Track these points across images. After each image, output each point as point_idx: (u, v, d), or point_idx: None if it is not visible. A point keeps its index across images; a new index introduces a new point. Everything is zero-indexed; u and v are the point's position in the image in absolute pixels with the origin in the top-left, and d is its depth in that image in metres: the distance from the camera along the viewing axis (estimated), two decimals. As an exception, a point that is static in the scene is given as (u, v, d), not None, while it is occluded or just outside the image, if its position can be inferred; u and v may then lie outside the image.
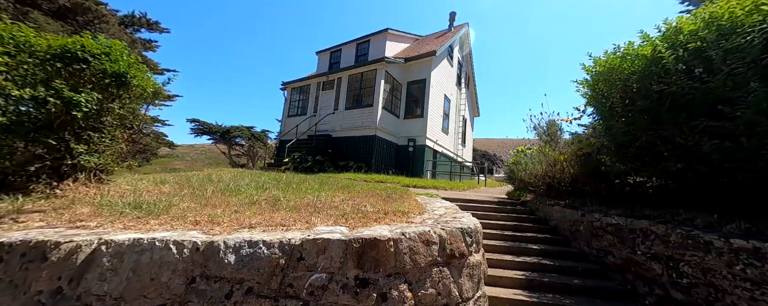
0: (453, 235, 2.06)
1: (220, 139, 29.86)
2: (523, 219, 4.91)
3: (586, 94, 4.45)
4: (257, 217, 2.42)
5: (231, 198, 3.46)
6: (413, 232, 1.85)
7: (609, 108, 3.82)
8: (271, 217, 2.42)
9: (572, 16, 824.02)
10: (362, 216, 2.58)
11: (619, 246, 3.30)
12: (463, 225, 2.25)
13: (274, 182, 4.91)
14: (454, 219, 2.61)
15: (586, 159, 4.26)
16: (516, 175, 5.93)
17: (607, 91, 3.86)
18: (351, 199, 3.79)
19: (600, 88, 4.05)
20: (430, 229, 1.96)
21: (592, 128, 4.73)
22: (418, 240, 1.84)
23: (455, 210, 3.31)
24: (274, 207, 2.95)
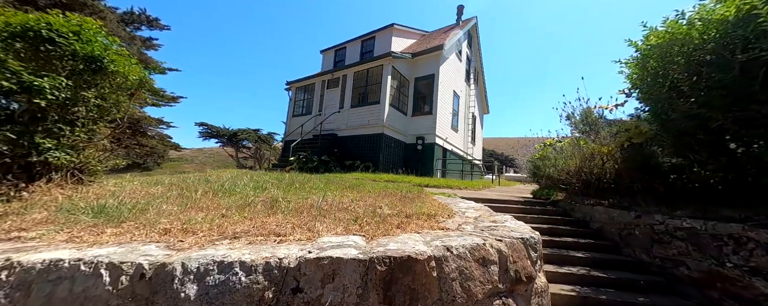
0: (514, 248, 1.45)
1: (227, 142, 29.78)
2: (558, 221, 4.24)
3: (631, 76, 3.79)
4: (246, 223, 1.85)
5: (223, 199, 2.91)
6: (461, 246, 1.24)
7: (668, 88, 3.15)
8: (264, 223, 1.85)
9: (573, 16, 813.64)
10: (380, 220, 1.99)
11: (695, 255, 2.62)
12: (521, 234, 1.63)
13: (276, 182, 4.36)
14: (496, 223, 2.01)
15: (636, 151, 3.58)
16: (542, 172, 5.25)
17: (664, 68, 3.19)
18: (362, 199, 3.20)
19: (652, 67, 3.39)
20: (485, 242, 1.35)
21: (637, 117, 4.05)
22: (471, 258, 1.23)
23: (489, 212, 2.69)
24: (270, 210, 2.38)
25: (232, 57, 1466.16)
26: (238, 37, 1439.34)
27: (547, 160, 5.02)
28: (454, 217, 2.29)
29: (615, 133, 3.72)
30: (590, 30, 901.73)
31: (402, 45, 12.90)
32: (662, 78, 3.24)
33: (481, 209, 2.86)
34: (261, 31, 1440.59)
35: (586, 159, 4.32)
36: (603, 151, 3.84)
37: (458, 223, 1.99)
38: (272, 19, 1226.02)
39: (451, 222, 2.07)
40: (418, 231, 1.66)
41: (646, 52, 3.44)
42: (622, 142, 3.57)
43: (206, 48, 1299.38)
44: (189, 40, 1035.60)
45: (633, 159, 3.64)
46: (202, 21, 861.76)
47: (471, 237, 1.43)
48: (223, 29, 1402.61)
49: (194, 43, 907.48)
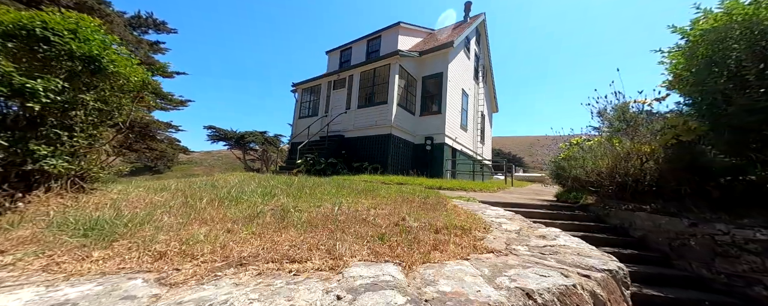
0: (609, 288, 1.10)
1: (235, 145, 29.96)
2: (591, 228, 3.85)
3: (675, 67, 3.39)
4: (254, 243, 1.56)
5: (229, 209, 2.65)
6: (545, 290, 0.89)
7: (725, 78, 2.75)
8: (275, 243, 1.56)
9: (574, 16, 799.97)
10: (411, 238, 1.68)
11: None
12: (602, 262, 1.29)
13: (284, 187, 4.10)
14: (546, 240, 1.67)
15: (684, 149, 3.18)
16: (567, 173, 4.84)
17: (721, 55, 2.80)
18: (379, 206, 2.90)
19: (703, 54, 2.99)
20: (572, 281, 1.00)
21: (678, 112, 3.64)
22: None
23: (527, 222, 2.35)
24: (281, 223, 2.09)
25: (239, 60, 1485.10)
26: (244, 40, 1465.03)
27: (574, 161, 4.62)
28: (492, 231, 1.96)
29: (658, 129, 3.32)
30: (592, 29, 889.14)
31: (408, 44, 12.58)
32: (717, 66, 2.84)
33: (516, 218, 2.51)
34: (266, 32, 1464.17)
35: (620, 159, 3.91)
36: (644, 150, 3.45)
37: (504, 242, 1.67)
38: (276, 20, 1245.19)
39: (492, 238, 1.74)
40: (464, 255, 1.34)
41: (696, 38, 3.04)
42: (668, 140, 3.17)
43: (213, 51, 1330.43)
44: (196, 44, 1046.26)
45: (680, 159, 3.23)
46: (208, 24, 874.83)
47: (541, 269, 1.10)
48: (229, 32, 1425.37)
49: (201, 47, 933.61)
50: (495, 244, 1.59)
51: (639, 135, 3.56)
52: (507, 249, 1.49)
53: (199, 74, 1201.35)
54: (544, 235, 1.81)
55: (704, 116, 3.18)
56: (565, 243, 1.61)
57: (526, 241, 1.70)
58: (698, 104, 3.27)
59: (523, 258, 1.28)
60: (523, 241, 1.66)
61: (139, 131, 10.63)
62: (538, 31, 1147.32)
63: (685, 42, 3.14)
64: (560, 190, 5.37)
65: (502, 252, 1.43)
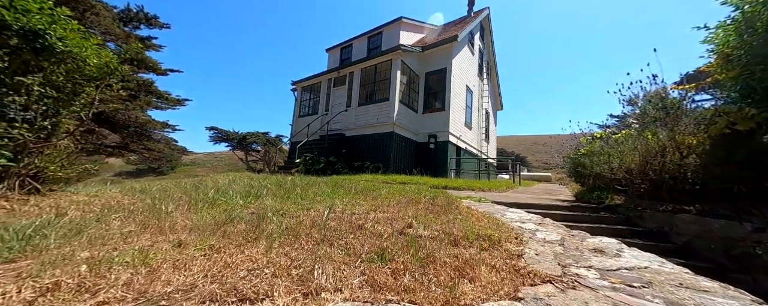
0: None
1: (237, 146, 29.69)
2: (622, 232, 3.33)
3: (725, 44, 2.87)
4: (199, 265, 1.07)
5: (200, 214, 2.18)
6: None
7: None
8: (229, 266, 1.07)
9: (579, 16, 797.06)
10: (422, 256, 1.19)
11: None
12: None
13: (275, 187, 3.63)
14: (605, 255, 1.18)
15: (740, 141, 2.66)
16: (589, 170, 4.33)
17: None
18: (380, 209, 2.41)
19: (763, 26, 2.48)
20: None
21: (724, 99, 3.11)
22: None
23: (564, 229, 1.85)
24: (254, 231, 1.62)
25: (241, 61, 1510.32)
26: (245, 40, 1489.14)
27: (597, 156, 4.10)
28: (527, 243, 1.47)
29: (708, 117, 2.80)
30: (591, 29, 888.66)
31: (411, 40, 12.10)
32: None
33: (547, 223, 2.02)
34: (268, 33, 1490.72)
35: (655, 153, 3.39)
36: (688, 142, 2.93)
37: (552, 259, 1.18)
38: (279, 20, 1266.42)
39: (533, 254, 1.25)
40: (510, 288, 0.85)
41: (754, 7, 2.53)
42: (721, 129, 2.66)
43: (215, 52, 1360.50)
44: (200, 45, 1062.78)
45: (734, 152, 2.71)
46: (208, 24, 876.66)
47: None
48: (231, 33, 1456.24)
49: (203, 47, 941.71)
50: (544, 264, 1.11)
51: (681, 125, 3.05)
52: (565, 274, 1.01)
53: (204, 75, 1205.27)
54: (600, 249, 1.32)
55: (761, 102, 2.66)
56: (639, 262, 1.12)
57: (581, 258, 1.21)
58: (749, 89, 2.75)
59: (603, 294, 0.80)
60: (579, 259, 1.18)
61: (135, 131, 10.25)
62: (541, 27, 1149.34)
63: (738, 14, 2.63)
64: (579, 188, 4.84)
65: (562, 280, 0.94)
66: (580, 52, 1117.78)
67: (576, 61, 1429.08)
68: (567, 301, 0.78)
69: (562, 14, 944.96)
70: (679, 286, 0.96)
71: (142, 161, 18.44)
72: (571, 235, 1.70)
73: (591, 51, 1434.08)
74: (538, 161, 31.35)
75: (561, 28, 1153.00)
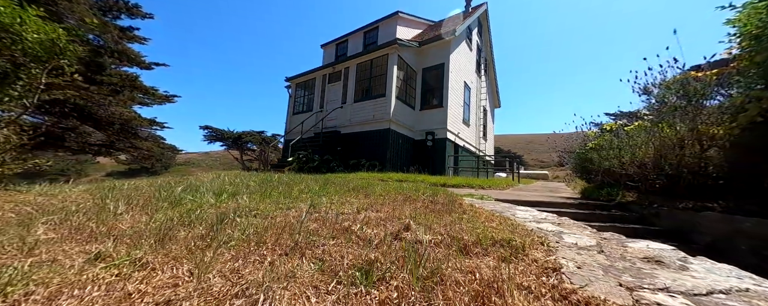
0: None
1: (232, 145, 29.11)
2: (637, 232, 3.03)
3: (752, 23, 2.58)
4: (92, 293, 0.73)
5: (156, 215, 1.82)
6: None
7: None
8: (128, 300, 0.73)
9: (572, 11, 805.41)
10: (425, 274, 0.85)
11: None
12: None
13: (257, 185, 3.26)
14: (662, 267, 0.86)
15: None
16: (597, 166, 4.03)
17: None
18: (373, 207, 2.07)
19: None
20: None
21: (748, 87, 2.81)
22: None
23: (590, 230, 1.53)
24: (203, 239, 1.26)
25: (239, 60, 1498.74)
26: (241, 37, 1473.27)
27: (606, 151, 3.80)
28: (556, 249, 1.14)
29: (737, 104, 2.50)
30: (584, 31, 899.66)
31: (408, 35, 11.76)
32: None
33: (569, 224, 1.69)
34: (262, 29, 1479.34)
35: (672, 146, 3.10)
36: (713, 132, 2.63)
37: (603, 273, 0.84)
38: (273, 16, 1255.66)
39: (574, 267, 0.92)
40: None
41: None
42: (752, 117, 2.36)
43: (209, 48, 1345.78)
44: (192, 41, 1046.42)
45: (765, 142, 2.42)
46: (201, 19, 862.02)
47: None
48: (225, 29, 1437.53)
49: (197, 44, 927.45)
50: (599, 286, 0.77)
51: (703, 115, 2.75)
52: (637, 303, 0.68)
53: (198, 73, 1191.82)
54: (655, 259, 1.00)
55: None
56: (726, 280, 0.81)
57: (641, 273, 0.88)
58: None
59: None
60: (639, 276, 0.85)
61: (120, 128, 9.69)
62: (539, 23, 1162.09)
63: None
64: (585, 185, 4.55)
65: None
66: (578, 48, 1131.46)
67: (575, 58, 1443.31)
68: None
69: (559, 7, 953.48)
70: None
71: (133, 161, 17.79)
72: (604, 239, 1.38)
73: (589, 48, 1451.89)
74: (533, 160, 31.32)
75: (559, 23, 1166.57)
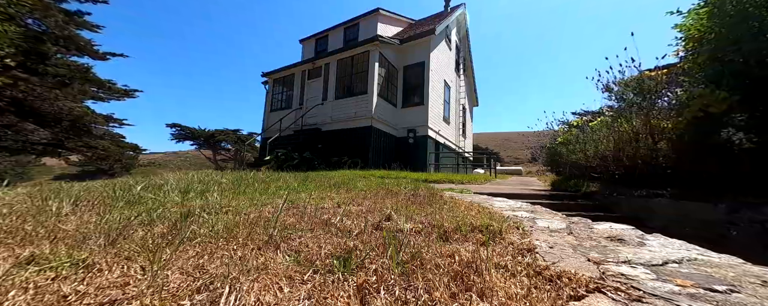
0: None
1: (204, 144, 27.36)
2: (600, 218, 3.28)
3: (695, 28, 2.88)
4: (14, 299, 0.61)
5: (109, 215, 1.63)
6: None
7: None
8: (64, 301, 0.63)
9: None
10: (405, 258, 0.83)
11: None
12: None
13: (231, 183, 3.07)
14: (624, 245, 0.93)
15: (712, 124, 2.67)
16: (565, 159, 4.31)
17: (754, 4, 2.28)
18: (353, 202, 2.02)
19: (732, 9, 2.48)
20: None
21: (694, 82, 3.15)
22: None
23: (567, 219, 1.62)
24: (167, 237, 1.14)
25: (212, 55, 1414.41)
26: (215, 27, 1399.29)
27: (573, 145, 4.07)
28: (530, 232, 1.18)
29: (682, 101, 2.79)
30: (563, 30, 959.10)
31: (388, 32, 11.74)
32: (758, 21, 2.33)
33: (542, 211, 1.78)
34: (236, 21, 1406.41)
35: (629, 139, 3.39)
36: (663, 126, 2.91)
37: (573, 252, 0.88)
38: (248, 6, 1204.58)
39: (547, 248, 0.96)
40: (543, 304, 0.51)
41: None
42: (695, 112, 2.65)
43: (186, 49, 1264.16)
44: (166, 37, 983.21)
45: (706, 135, 2.72)
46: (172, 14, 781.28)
47: None
48: (195, 18, 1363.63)
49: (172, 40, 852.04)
50: (570, 262, 0.81)
51: (656, 110, 3.03)
52: (607, 275, 0.71)
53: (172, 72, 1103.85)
54: (618, 237, 1.08)
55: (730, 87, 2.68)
56: (678, 252, 0.88)
57: (607, 250, 0.94)
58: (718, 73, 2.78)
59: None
60: (605, 252, 0.91)
61: (69, 125, 8.56)
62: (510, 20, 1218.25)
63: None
64: (555, 178, 4.85)
65: (613, 287, 0.64)
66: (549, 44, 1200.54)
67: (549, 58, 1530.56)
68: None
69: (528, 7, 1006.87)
70: (766, 285, 0.71)
71: (87, 162, 16.03)
72: (573, 223, 1.46)
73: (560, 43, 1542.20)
74: (509, 157, 32.92)
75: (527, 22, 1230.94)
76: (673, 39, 3.30)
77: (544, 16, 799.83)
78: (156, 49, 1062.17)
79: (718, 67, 2.75)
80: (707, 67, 2.92)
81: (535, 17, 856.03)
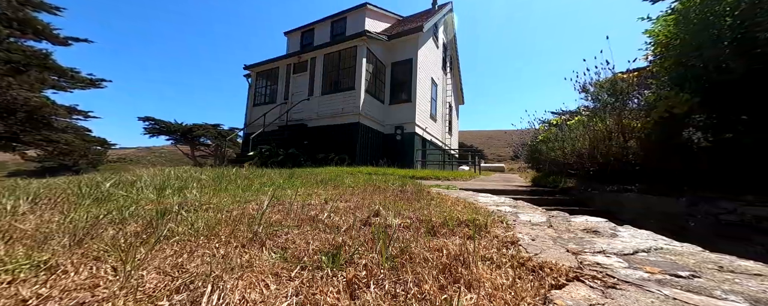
0: None
1: (181, 139, 25.93)
2: (576, 212, 3.48)
3: (663, 34, 3.09)
4: None
5: (75, 213, 1.51)
6: None
7: (729, 40, 2.44)
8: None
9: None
10: (393, 252, 0.84)
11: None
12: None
13: (212, 179, 2.94)
14: (599, 236, 1.00)
15: (675, 124, 2.90)
16: (545, 156, 4.51)
17: (716, 14, 2.49)
18: (341, 198, 2.00)
19: (698, 17, 2.69)
20: None
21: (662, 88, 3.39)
22: None
23: (541, 209, 1.70)
24: (142, 235, 1.07)
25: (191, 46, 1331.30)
26: (194, 14, 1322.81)
27: (552, 142, 4.26)
28: (513, 226, 1.22)
29: (651, 102, 3.00)
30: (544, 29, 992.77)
31: (376, 28, 11.63)
32: (715, 28, 2.53)
33: (524, 206, 1.85)
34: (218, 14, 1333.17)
35: (603, 138, 3.59)
36: (633, 125, 3.12)
37: (554, 244, 0.93)
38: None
39: (529, 240, 1.00)
40: (538, 304, 0.54)
41: (687, 2, 2.72)
42: (661, 113, 2.85)
43: (165, 43, 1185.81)
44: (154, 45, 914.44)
45: (670, 134, 2.94)
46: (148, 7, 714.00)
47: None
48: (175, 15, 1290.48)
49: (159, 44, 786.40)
50: (551, 253, 0.85)
51: (627, 110, 3.24)
52: (584, 264, 0.76)
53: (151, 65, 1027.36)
54: (593, 229, 1.15)
55: (691, 90, 2.91)
56: (646, 242, 0.96)
57: (584, 241, 1.00)
58: (682, 77, 3.01)
59: (661, 293, 0.54)
60: (582, 243, 0.96)
61: (26, 117, 7.73)
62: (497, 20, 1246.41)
63: (677, 4, 2.82)
64: (535, 174, 5.06)
65: (591, 275, 0.68)
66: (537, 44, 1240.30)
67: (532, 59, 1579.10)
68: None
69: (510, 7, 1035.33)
70: (722, 270, 0.78)
71: (48, 157, 14.71)
72: (552, 217, 1.54)
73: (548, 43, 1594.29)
74: (492, 154, 34.00)
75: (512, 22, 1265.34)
76: (643, 44, 3.52)
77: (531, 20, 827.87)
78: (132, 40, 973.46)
79: (682, 71, 2.97)
80: (673, 71, 3.15)
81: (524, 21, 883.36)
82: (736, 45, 2.40)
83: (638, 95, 3.25)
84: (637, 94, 3.25)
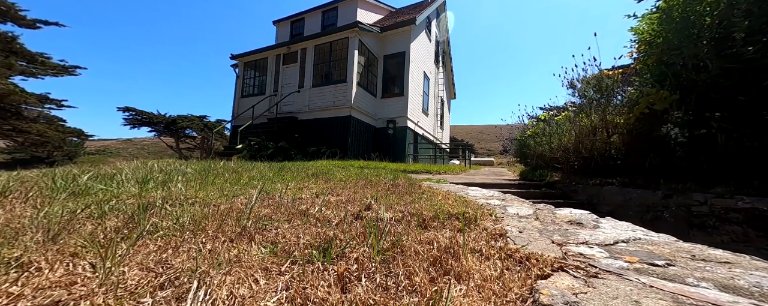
0: None
1: (165, 131, 24.91)
2: (560, 205, 3.62)
3: (647, 32, 3.17)
4: None
5: (49, 208, 1.43)
6: None
7: (708, 39, 2.54)
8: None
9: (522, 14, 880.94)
10: (385, 245, 0.84)
11: (760, 241, 2.08)
12: None
13: (198, 172, 2.84)
14: (582, 228, 1.04)
15: (655, 120, 3.02)
16: (533, 151, 4.62)
17: (697, 12, 2.57)
18: (332, 192, 1.99)
19: (679, 15, 2.77)
20: None
21: (643, 83, 3.50)
22: None
23: (528, 202, 1.74)
24: (123, 230, 1.03)
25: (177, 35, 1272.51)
26: (184, 12, 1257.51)
27: (540, 137, 4.36)
28: (502, 219, 1.25)
29: (634, 99, 3.10)
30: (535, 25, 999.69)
31: (368, 19, 11.38)
32: (695, 28, 2.62)
33: (512, 199, 1.90)
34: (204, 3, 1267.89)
35: (587, 133, 3.71)
36: (617, 121, 3.22)
37: (540, 236, 0.96)
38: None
39: (516, 232, 1.03)
40: (525, 294, 0.55)
41: (671, 1, 2.79)
42: (642, 109, 2.96)
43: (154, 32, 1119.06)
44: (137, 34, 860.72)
45: (650, 129, 3.07)
46: None
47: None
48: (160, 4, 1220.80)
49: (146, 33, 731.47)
50: (537, 244, 0.88)
51: (611, 106, 3.34)
52: (568, 255, 0.79)
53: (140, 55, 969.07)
54: (577, 221, 1.20)
55: (671, 87, 3.03)
56: (626, 233, 1.00)
57: (568, 233, 1.04)
58: (663, 75, 3.12)
59: (639, 281, 0.57)
60: (567, 235, 1.00)
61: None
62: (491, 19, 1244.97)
63: (661, 2, 2.89)
64: (523, 168, 5.20)
65: (574, 266, 0.70)
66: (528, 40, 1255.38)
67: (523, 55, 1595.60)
68: (607, 301, 0.53)
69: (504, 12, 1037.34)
70: (694, 259, 0.83)
71: (19, 148, 13.81)
72: (539, 209, 1.59)
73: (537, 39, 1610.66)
74: (482, 148, 34.60)
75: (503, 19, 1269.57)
76: (628, 41, 3.61)
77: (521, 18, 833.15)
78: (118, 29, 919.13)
79: (663, 68, 3.07)
80: (655, 69, 3.25)
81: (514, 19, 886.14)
82: (713, 44, 2.50)
83: (622, 92, 3.36)
84: (621, 91, 3.36)
